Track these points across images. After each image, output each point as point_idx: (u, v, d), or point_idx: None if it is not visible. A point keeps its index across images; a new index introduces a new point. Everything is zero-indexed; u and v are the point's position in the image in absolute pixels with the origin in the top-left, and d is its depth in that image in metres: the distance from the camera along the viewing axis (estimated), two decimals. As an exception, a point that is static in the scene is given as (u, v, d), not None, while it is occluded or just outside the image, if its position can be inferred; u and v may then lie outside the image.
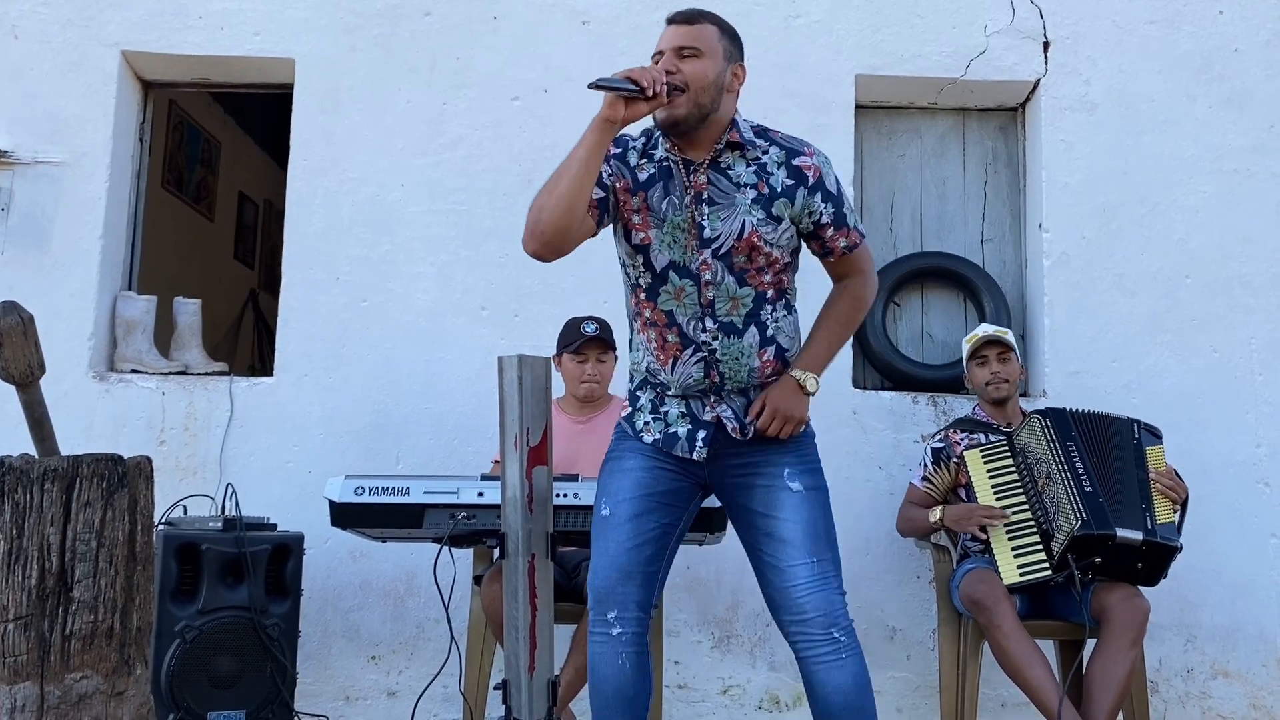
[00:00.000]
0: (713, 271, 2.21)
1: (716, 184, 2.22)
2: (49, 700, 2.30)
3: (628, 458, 2.30)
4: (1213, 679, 3.71)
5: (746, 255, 2.21)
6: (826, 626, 2.14)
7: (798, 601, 2.15)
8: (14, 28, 3.96)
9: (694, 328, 2.23)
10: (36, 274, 3.82)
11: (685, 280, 2.22)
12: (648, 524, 2.23)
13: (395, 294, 3.87)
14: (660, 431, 2.28)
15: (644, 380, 2.34)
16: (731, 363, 2.24)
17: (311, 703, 3.57)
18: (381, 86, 3.97)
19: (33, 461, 2.37)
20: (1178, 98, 3.98)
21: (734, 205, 2.21)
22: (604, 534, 2.25)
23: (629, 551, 2.21)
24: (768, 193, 2.22)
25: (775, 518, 2.20)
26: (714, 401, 2.26)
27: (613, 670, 2.20)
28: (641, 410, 2.33)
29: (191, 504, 3.50)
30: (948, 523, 3.21)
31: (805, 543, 2.18)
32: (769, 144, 2.27)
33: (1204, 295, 3.88)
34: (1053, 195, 3.95)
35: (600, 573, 2.23)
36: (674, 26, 2.23)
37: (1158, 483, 3.11)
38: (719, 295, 2.22)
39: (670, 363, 2.26)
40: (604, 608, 2.21)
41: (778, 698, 3.69)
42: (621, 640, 2.20)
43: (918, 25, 4.02)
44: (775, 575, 2.20)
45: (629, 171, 2.26)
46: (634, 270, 2.28)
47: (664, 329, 2.25)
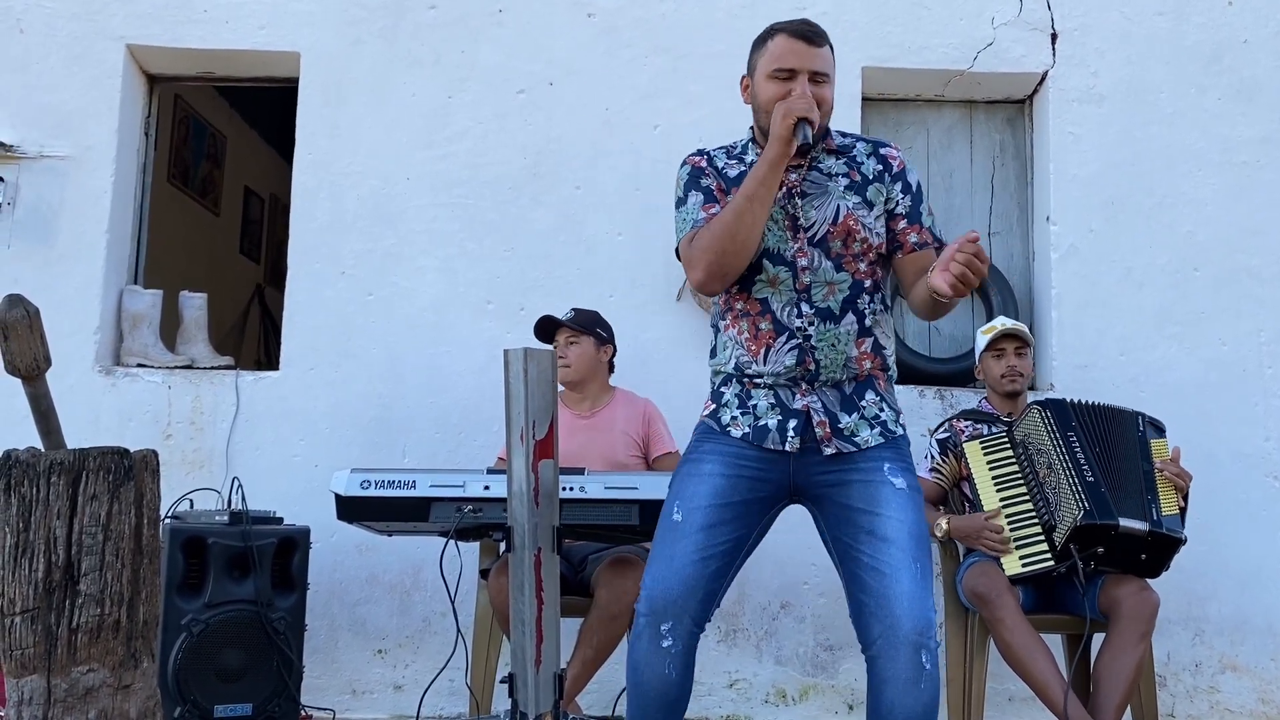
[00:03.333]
0: (809, 258, 2.16)
1: (810, 179, 2.20)
2: (55, 693, 2.30)
3: (707, 461, 2.17)
4: (1221, 673, 3.70)
5: (843, 240, 2.16)
6: (916, 648, 1.98)
7: (894, 612, 1.99)
8: (19, 21, 3.96)
9: (789, 314, 2.16)
10: (42, 268, 3.82)
11: (780, 267, 2.17)
12: (719, 536, 2.10)
13: (400, 288, 3.87)
14: (749, 425, 2.17)
15: (728, 377, 2.24)
16: (828, 349, 2.15)
17: (318, 696, 3.57)
18: (386, 80, 3.96)
19: (39, 455, 2.36)
20: (1186, 89, 3.96)
21: (828, 193, 2.18)
22: (671, 540, 2.11)
23: (696, 564, 2.08)
24: (860, 180, 2.20)
25: (878, 514, 2.07)
26: (804, 390, 2.16)
27: (657, 678, 2.09)
28: (728, 405, 2.21)
29: (198, 498, 3.50)
30: (954, 535, 3.20)
31: (910, 546, 2.04)
32: (855, 140, 2.28)
33: (1212, 287, 3.87)
34: (1061, 188, 3.93)
35: (662, 581, 2.09)
36: (805, 45, 2.17)
37: (1164, 471, 3.09)
38: (815, 281, 2.16)
39: (763, 351, 2.17)
40: (659, 618, 2.07)
41: (784, 691, 3.69)
42: (672, 653, 2.08)
43: (924, 17, 4.00)
44: (875, 579, 2.03)
45: (718, 174, 2.24)
46: None
47: (757, 318, 2.18)
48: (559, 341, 3.34)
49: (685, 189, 2.24)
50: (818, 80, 2.15)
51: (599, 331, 3.36)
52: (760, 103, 2.18)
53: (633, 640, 2.14)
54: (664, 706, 2.13)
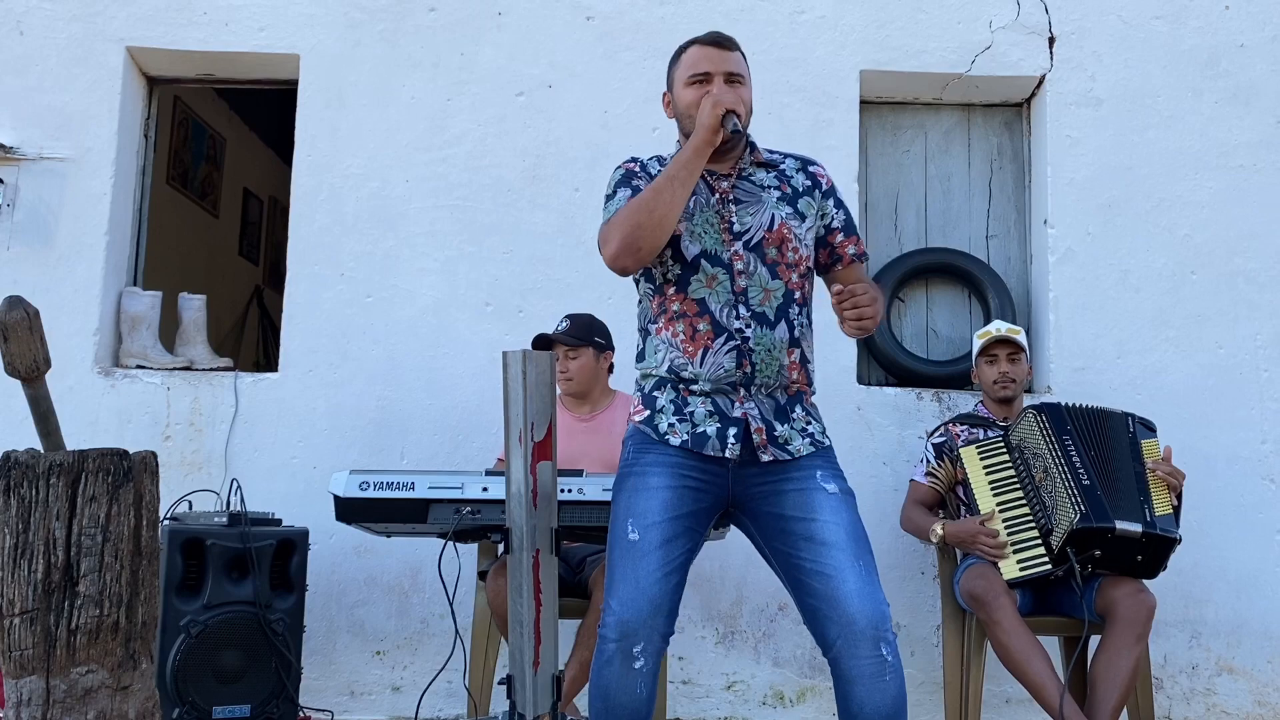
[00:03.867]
0: (745, 261, 2.20)
1: (740, 188, 2.26)
2: (54, 694, 2.31)
3: (652, 474, 2.18)
4: (1218, 675, 3.71)
5: (777, 247, 2.22)
6: (875, 641, 2.02)
7: (847, 611, 2.03)
8: (19, 23, 3.96)
9: (727, 315, 2.18)
10: (42, 269, 3.82)
11: (718, 268, 2.20)
12: (675, 550, 2.12)
13: (399, 289, 3.87)
14: (688, 432, 2.18)
15: (661, 380, 2.24)
16: (764, 354, 2.18)
17: (316, 698, 3.58)
18: (386, 82, 3.97)
19: (38, 456, 2.37)
20: (1183, 93, 3.97)
21: (761, 202, 2.25)
22: (632, 560, 2.12)
23: (659, 582, 2.09)
24: (790, 192, 2.28)
25: (814, 520, 2.11)
26: (742, 397, 2.19)
27: (631, 699, 2.10)
28: (663, 412, 2.21)
29: (196, 499, 3.50)
30: (950, 540, 3.21)
31: (850, 545, 2.08)
32: (783, 156, 2.37)
33: (1209, 291, 3.88)
34: (1058, 191, 3.94)
35: (630, 605, 2.09)
36: (716, 50, 2.25)
37: (1155, 470, 3.11)
38: (752, 284, 2.20)
39: (700, 353, 2.18)
40: (631, 641, 2.08)
41: (782, 693, 3.69)
42: (642, 672, 2.10)
43: (923, 20, 4.01)
44: (820, 581, 2.06)
45: (649, 178, 2.29)
46: (662, 267, 2.24)
47: (694, 318, 2.20)
48: (558, 356, 3.32)
49: (615, 186, 2.29)
50: (733, 81, 2.23)
51: (597, 340, 3.36)
52: (681, 109, 2.26)
53: (601, 665, 2.11)
54: None
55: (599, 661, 2.12)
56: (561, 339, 3.30)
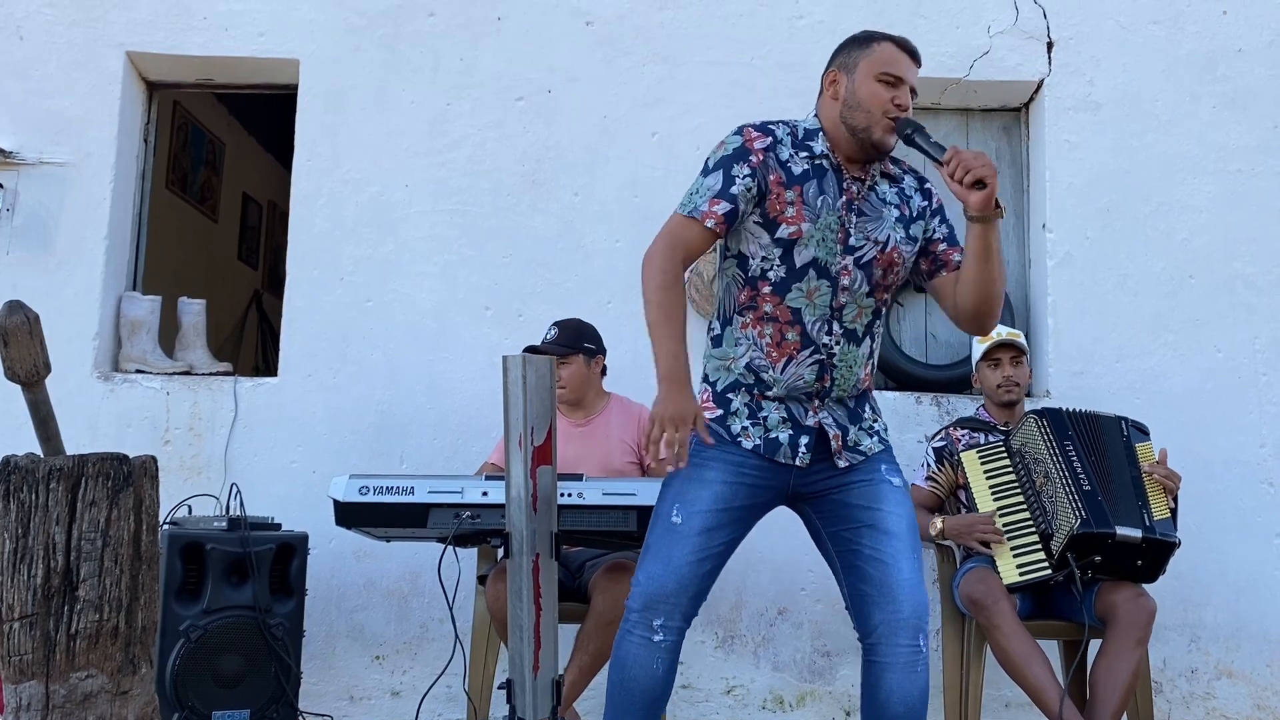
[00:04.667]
0: (852, 278, 2.19)
1: (866, 198, 2.23)
2: (54, 699, 2.30)
3: (711, 467, 2.20)
4: (1217, 679, 3.71)
5: (884, 269, 2.21)
6: (915, 632, 2.09)
7: (897, 598, 2.09)
8: (19, 28, 3.97)
9: (818, 329, 2.19)
10: (41, 274, 3.82)
11: (823, 280, 2.18)
12: (716, 539, 2.17)
13: (399, 294, 3.87)
14: (760, 437, 2.20)
15: (735, 382, 2.24)
16: (845, 370, 2.21)
17: (316, 702, 3.57)
18: (385, 87, 3.97)
19: (38, 461, 2.37)
20: (1181, 98, 3.98)
21: (882, 220, 2.22)
22: (669, 541, 2.17)
23: (692, 565, 2.15)
24: (909, 215, 2.26)
25: (879, 510, 2.16)
26: (817, 407, 2.21)
27: (646, 674, 2.15)
28: (737, 414, 2.22)
29: (196, 504, 3.51)
30: (949, 535, 3.21)
31: (909, 537, 2.14)
32: (904, 172, 2.33)
33: (1207, 295, 3.88)
34: (1056, 195, 3.95)
35: (657, 579, 2.15)
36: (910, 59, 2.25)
37: (1152, 474, 3.11)
38: (850, 301, 2.20)
39: (783, 361, 2.19)
40: (652, 614, 2.14)
41: (781, 698, 3.69)
42: (661, 647, 2.15)
43: (921, 25, 4.02)
44: (877, 569, 2.12)
45: (780, 166, 2.21)
46: (764, 263, 2.20)
47: (785, 325, 2.19)
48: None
49: (718, 163, 2.20)
50: (913, 95, 2.24)
51: (586, 346, 3.35)
52: (860, 98, 2.19)
53: (621, 635, 2.18)
54: (648, 704, 2.18)
55: (622, 631, 2.19)
56: (550, 349, 3.27)
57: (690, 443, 2.20)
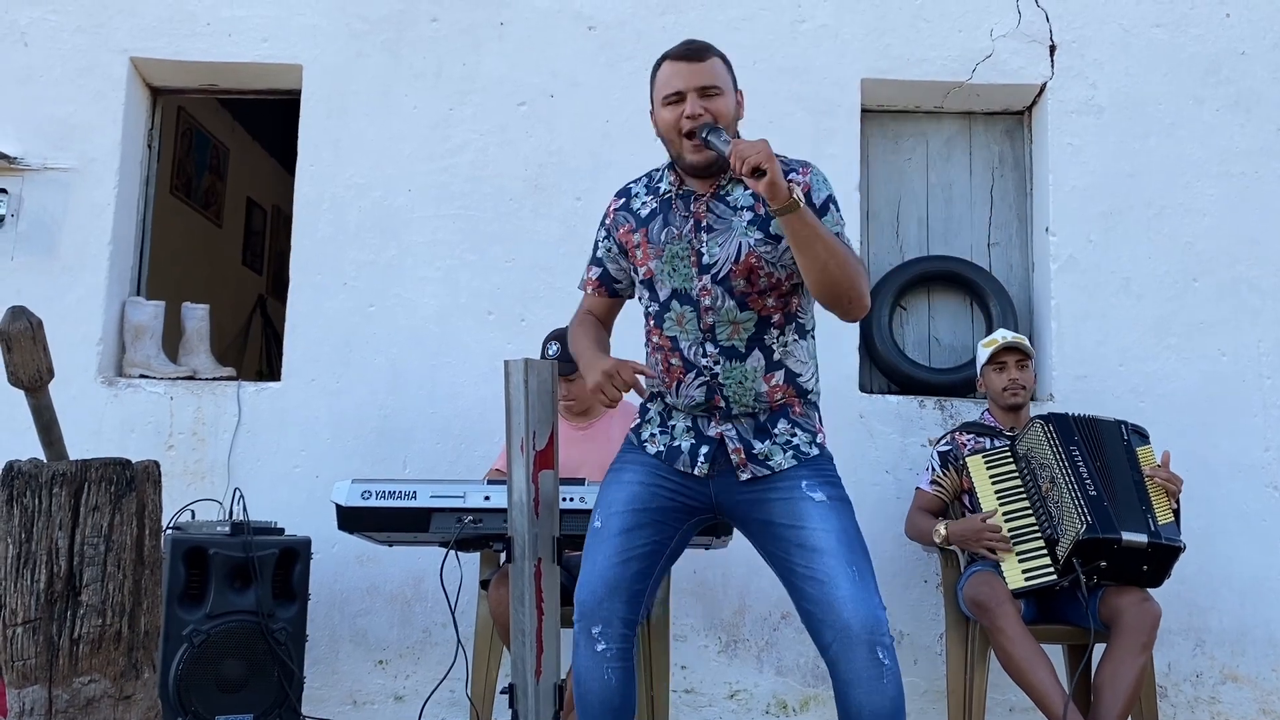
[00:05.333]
0: (712, 296, 2.20)
1: (714, 210, 2.22)
2: (57, 704, 2.31)
3: (627, 470, 2.29)
4: (1222, 684, 3.70)
5: (746, 278, 2.19)
6: (870, 645, 2.03)
7: (841, 616, 2.04)
8: (24, 35, 3.98)
9: (695, 352, 2.22)
10: (45, 279, 3.83)
11: (685, 307, 2.22)
12: (637, 539, 2.19)
13: (402, 299, 3.88)
14: (665, 444, 2.27)
15: (654, 394, 2.35)
16: (735, 386, 2.21)
17: (319, 707, 3.57)
18: (388, 92, 3.98)
19: (41, 466, 2.37)
20: (1184, 101, 3.98)
21: (730, 229, 2.20)
22: (594, 545, 2.23)
23: (615, 566, 2.18)
24: (764, 212, 2.19)
25: (803, 527, 2.13)
26: (719, 419, 2.24)
27: (598, 684, 2.17)
28: (650, 422, 2.33)
29: (199, 508, 3.51)
30: (953, 541, 3.20)
31: (841, 551, 2.09)
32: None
33: (1211, 298, 3.87)
34: (1059, 198, 3.94)
35: (585, 586, 2.19)
36: (685, 64, 2.18)
37: (1154, 477, 3.09)
38: (719, 320, 2.21)
39: (675, 385, 2.26)
40: (589, 622, 2.18)
41: (785, 702, 3.69)
42: (606, 656, 2.16)
43: (923, 29, 4.02)
44: (814, 587, 2.08)
45: (632, 215, 2.31)
46: (645, 302, 2.33)
47: (669, 353, 2.26)
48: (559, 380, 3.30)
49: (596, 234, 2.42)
50: (708, 94, 2.17)
51: None
52: (660, 130, 2.24)
53: (573, 652, 2.21)
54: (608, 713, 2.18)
55: (572, 647, 2.23)
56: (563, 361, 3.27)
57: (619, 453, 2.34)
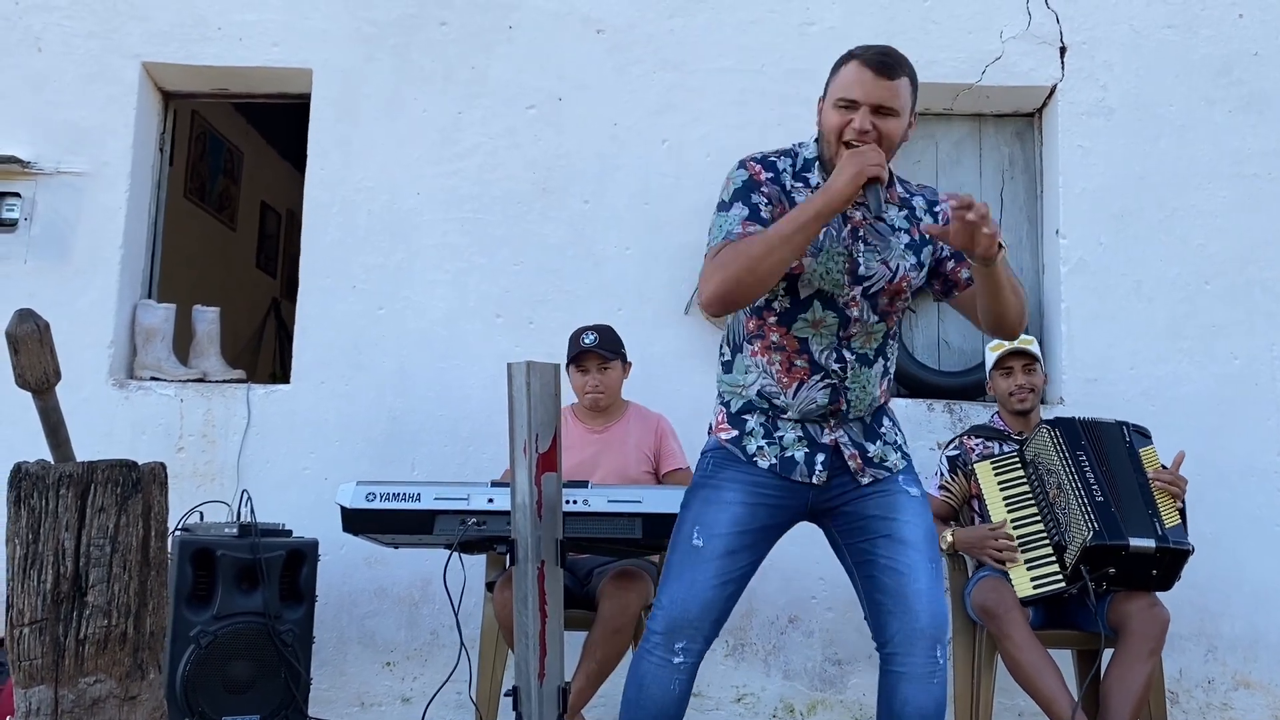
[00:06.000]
0: (860, 309, 2.16)
1: (874, 225, 2.17)
2: (63, 704, 2.32)
3: (728, 488, 2.19)
4: (1234, 690, 3.66)
5: (891, 297, 2.18)
6: (933, 641, 2.07)
7: (914, 607, 2.07)
8: (38, 40, 4.02)
9: (827, 357, 2.17)
10: (58, 283, 3.86)
11: (829, 312, 2.16)
12: (738, 562, 2.17)
13: (410, 301, 3.89)
14: (776, 456, 2.19)
15: (749, 404, 2.23)
16: (859, 391, 2.19)
17: (326, 708, 3.58)
18: (397, 95, 4.00)
19: (48, 467, 2.39)
20: (1196, 102, 3.95)
21: (890, 248, 2.17)
22: (692, 564, 2.16)
23: (714, 589, 2.15)
24: (918, 240, 2.20)
25: (896, 519, 2.15)
26: (833, 425, 2.20)
27: (663, 693, 2.16)
28: (753, 434, 2.21)
29: (208, 510, 3.52)
30: (959, 548, 3.19)
31: (925, 548, 2.13)
32: (914, 193, 2.25)
33: (1224, 301, 3.84)
34: (1070, 201, 3.92)
35: (681, 603, 2.15)
36: (873, 76, 2.07)
37: (1157, 480, 3.06)
38: (859, 331, 2.18)
39: (795, 386, 2.18)
40: (675, 637, 2.15)
41: (792, 706, 3.67)
42: (681, 668, 2.16)
43: (933, 31, 4.01)
44: (892, 578, 2.10)
45: (784, 195, 2.17)
46: (769, 294, 2.18)
47: (793, 354, 2.18)
48: (590, 369, 3.28)
49: (734, 195, 2.15)
50: (882, 113, 2.07)
51: (624, 353, 3.37)
52: (823, 129, 2.14)
53: (641, 655, 2.18)
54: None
55: (642, 651, 2.19)
56: (599, 350, 3.26)
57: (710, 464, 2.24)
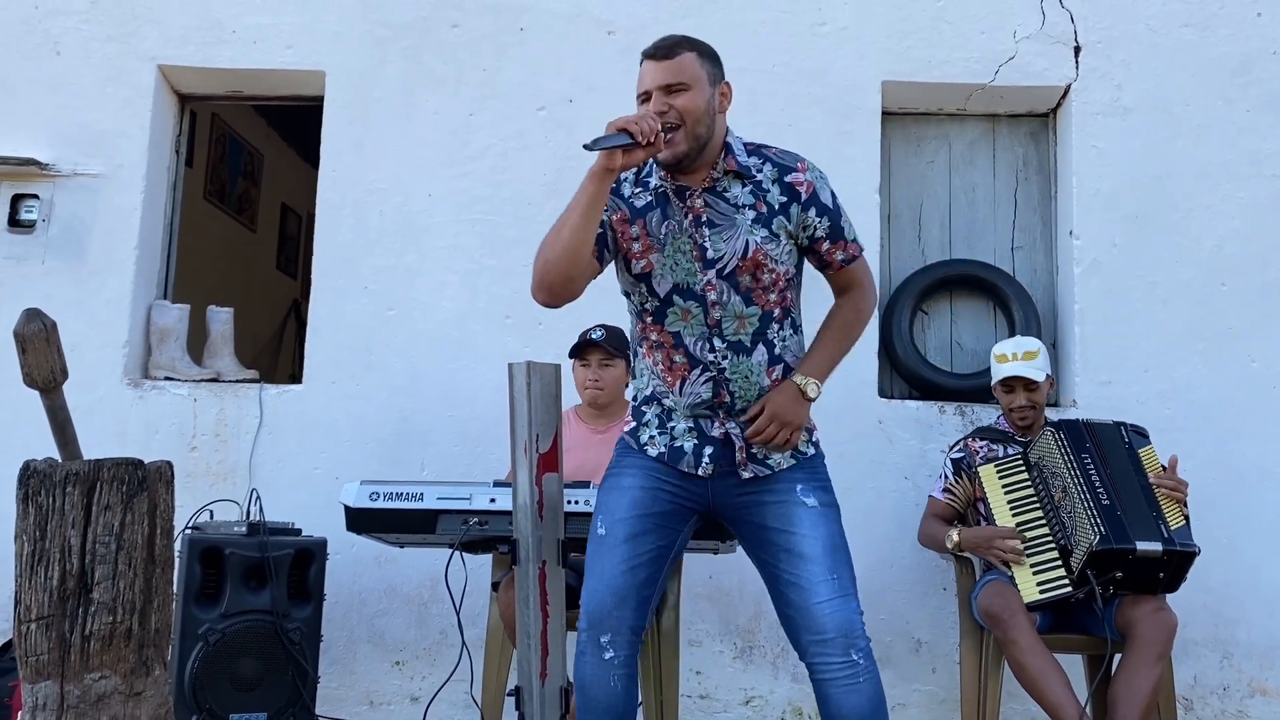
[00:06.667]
0: (718, 291, 2.21)
1: (714, 206, 2.22)
2: (69, 699, 2.34)
3: (626, 475, 2.27)
4: (1250, 697, 3.61)
5: (751, 274, 2.21)
6: (845, 648, 2.10)
7: (819, 620, 2.12)
8: (56, 44, 4.07)
9: (701, 348, 2.22)
10: (74, 283, 3.91)
11: (690, 302, 2.21)
12: (643, 546, 2.20)
13: (421, 303, 3.91)
14: (665, 445, 2.26)
15: (649, 398, 2.32)
16: (741, 381, 2.22)
17: (336, 707, 3.60)
18: (410, 98, 4.02)
19: (56, 465, 2.41)
20: (1214, 101, 3.90)
21: (735, 225, 2.21)
22: (599, 554, 2.21)
23: (624, 574, 2.18)
24: (765, 211, 2.22)
25: (793, 533, 2.17)
26: (723, 419, 2.24)
27: (604, 691, 2.18)
28: (647, 425, 2.30)
29: (219, 509, 3.56)
30: (965, 548, 3.16)
31: (825, 559, 2.15)
32: (763, 161, 2.27)
33: (1240, 303, 3.79)
34: (1084, 201, 3.88)
35: (593, 596, 2.19)
36: (653, 63, 2.20)
37: (1160, 486, 3.02)
38: (725, 315, 2.21)
39: (678, 383, 2.24)
40: (597, 631, 2.18)
41: (800, 709, 3.66)
42: (614, 663, 2.17)
43: (946, 31, 3.98)
44: (796, 593, 2.15)
45: (624, 202, 2.26)
46: (638, 297, 2.28)
47: (671, 350, 2.24)
48: (591, 363, 3.30)
49: None
50: (673, 91, 2.16)
51: (628, 355, 3.36)
52: None
53: (576, 657, 2.21)
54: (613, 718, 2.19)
55: (575, 654, 2.22)
56: (604, 345, 3.28)
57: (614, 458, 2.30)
